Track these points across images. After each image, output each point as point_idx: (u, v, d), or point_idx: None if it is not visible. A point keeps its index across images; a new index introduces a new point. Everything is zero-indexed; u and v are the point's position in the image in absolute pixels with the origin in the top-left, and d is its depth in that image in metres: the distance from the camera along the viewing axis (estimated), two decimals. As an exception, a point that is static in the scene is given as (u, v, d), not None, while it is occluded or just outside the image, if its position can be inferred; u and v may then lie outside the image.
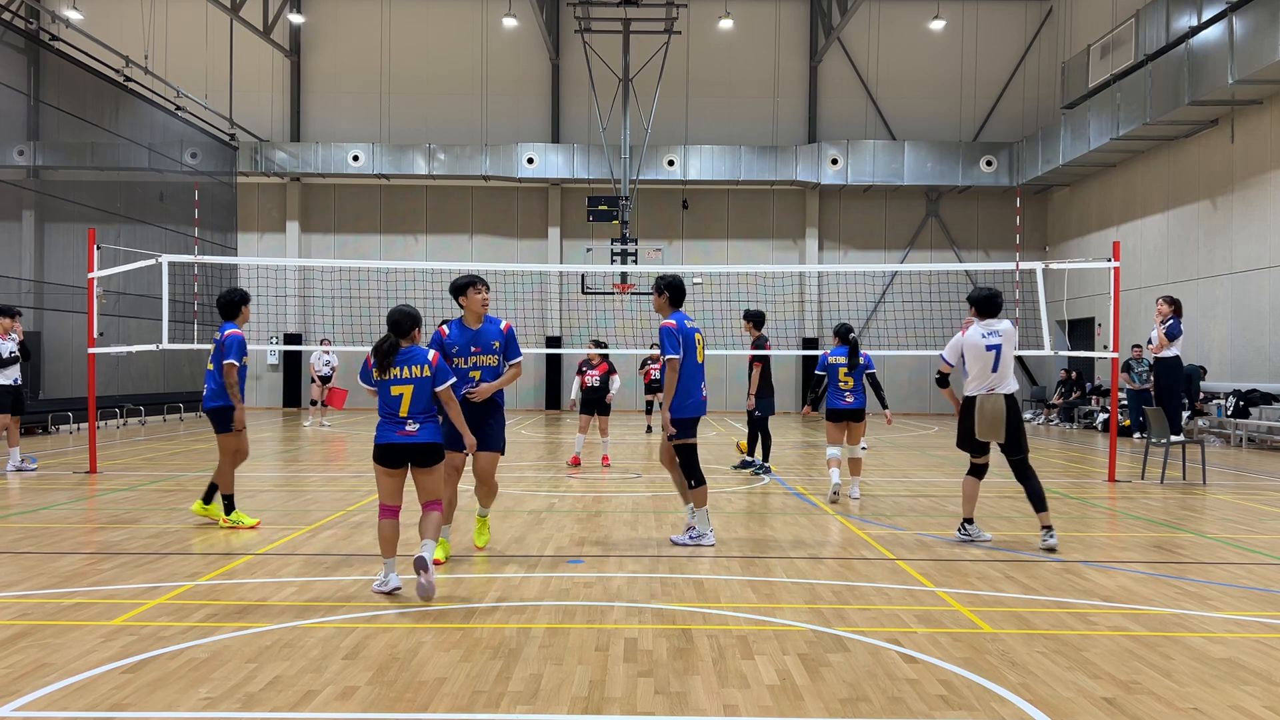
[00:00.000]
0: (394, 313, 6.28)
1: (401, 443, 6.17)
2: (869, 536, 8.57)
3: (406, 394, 6.19)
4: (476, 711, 4.28)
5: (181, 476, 12.50)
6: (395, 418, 6.19)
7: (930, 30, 29.48)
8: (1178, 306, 13.28)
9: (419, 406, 6.20)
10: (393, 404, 6.20)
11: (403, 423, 6.18)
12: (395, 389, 6.20)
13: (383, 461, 6.21)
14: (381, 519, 6.30)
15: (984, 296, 8.15)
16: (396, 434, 6.17)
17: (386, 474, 6.25)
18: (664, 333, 7.99)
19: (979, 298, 8.17)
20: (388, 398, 6.21)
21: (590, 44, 26.62)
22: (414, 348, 6.27)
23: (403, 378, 6.19)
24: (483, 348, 7.12)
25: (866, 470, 13.69)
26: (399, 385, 6.20)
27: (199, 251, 23.60)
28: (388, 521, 6.30)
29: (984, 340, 7.91)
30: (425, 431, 6.22)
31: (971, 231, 30.21)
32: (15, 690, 4.46)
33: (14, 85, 20.09)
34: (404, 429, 6.17)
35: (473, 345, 7.10)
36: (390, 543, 6.30)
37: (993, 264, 25.07)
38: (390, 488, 6.28)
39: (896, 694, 4.52)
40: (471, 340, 7.11)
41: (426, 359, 6.26)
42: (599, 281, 26.32)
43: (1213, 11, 18.80)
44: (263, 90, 29.69)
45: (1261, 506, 10.73)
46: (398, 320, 6.29)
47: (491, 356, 7.13)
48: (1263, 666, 4.96)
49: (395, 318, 6.28)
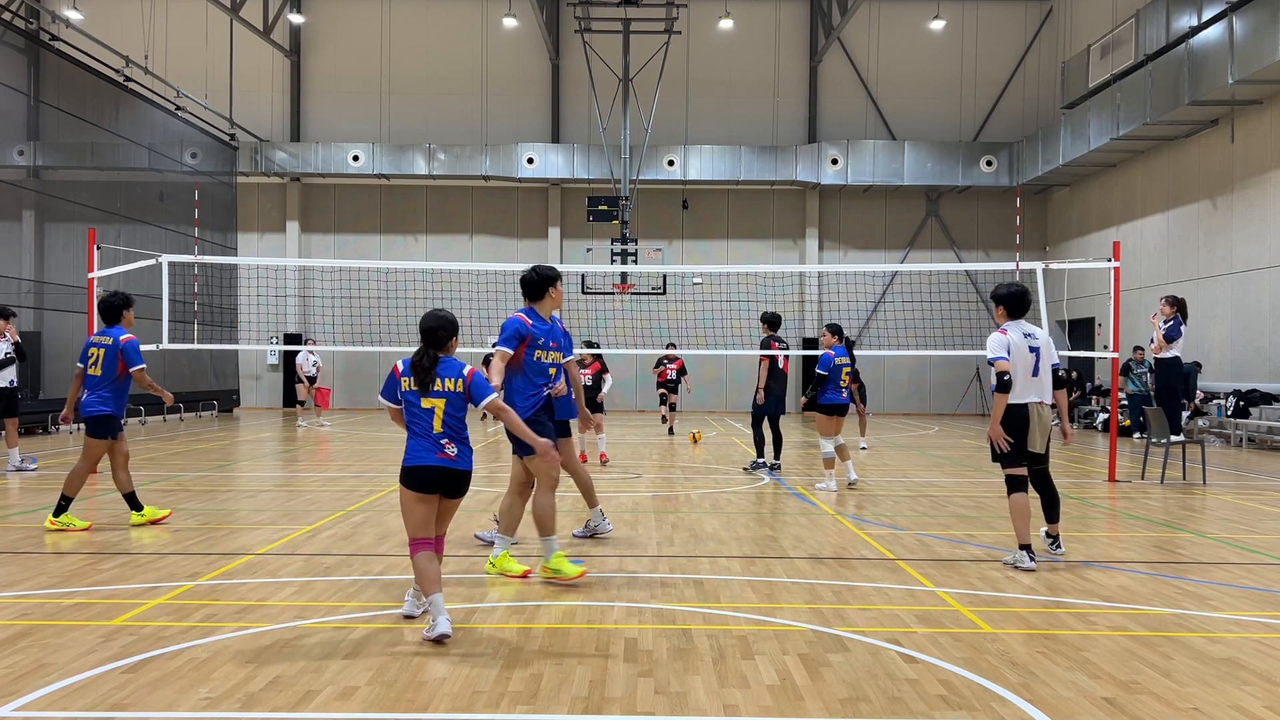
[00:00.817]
0: (431, 321, 5.53)
1: (440, 465, 5.41)
2: (869, 536, 8.57)
3: (439, 409, 5.46)
4: (476, 711, 4.28)
5: (182, 476, 12.49)
6: (430, 435, 5.43)
7: (930, 30, 29.48)
8: (1181, 306, 13.20)
9: (452, 424, 5.47)
10: (425, 419, 5.45)
11: (439, 442, 5.42)
12: (427, 402, 5.47)
13: (415, 485, 5.44)
14: (416, 554, 5.43)
15: (1014, 294, 7.35)
16: (436, 455, 5.41)
17: (419, 500, 5.45)
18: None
19: (1008, 295, 7.36)
20: (419, 413, 5.46)
21: (590, 44, 26.62)
22: (448, 359, 5.53)
23: (436, 390, 5.47)
24: (557, 343, 7.01)
25: (866, 470, 13.75)
26: (431, 399, 5.48)
27: (199, 251, 23.63)
28: (425, 555, 5.43)
29: (1026, 341, 7.22)
30: (464, 457, 5.50)
31: (971, 231, 30.21)
32: (15, 690, 4.46)
33: (14, 85, 20.08)
34: (443, 450, 5.41)
35: (550, 339, 6.94)
36: (434, 576, 5.37)
37: (993, 264, 25.09)
38: (423, 517, 5.47)
39: (896, 694, 4.52)
40: (548, 334, 6.95)
41: (461, 373, 5.51)
42: (599, 281, 26.31)
43: (1213, 11, 18.80)
44: (263, 90, 29.69)
45: (1261, 506, 10.73)
46: (435, 330, 5.52)
47: (559, 353, 7.06)
48: (1263, 666, 4.96)
49: (432, 326, 5.52)
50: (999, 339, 7.19)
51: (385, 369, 22.71)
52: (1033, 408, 7.20)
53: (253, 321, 25.71)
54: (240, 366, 29.42)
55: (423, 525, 5.47)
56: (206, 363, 26.30)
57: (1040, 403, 7.24)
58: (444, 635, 5.20)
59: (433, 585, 5.34)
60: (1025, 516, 7.21)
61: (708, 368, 29.37)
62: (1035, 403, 7.21)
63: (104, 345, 8.56)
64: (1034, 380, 7.21)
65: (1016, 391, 7.15)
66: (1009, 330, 7.25)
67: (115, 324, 8.70)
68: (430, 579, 5.37)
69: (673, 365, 19.96)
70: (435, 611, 5.26)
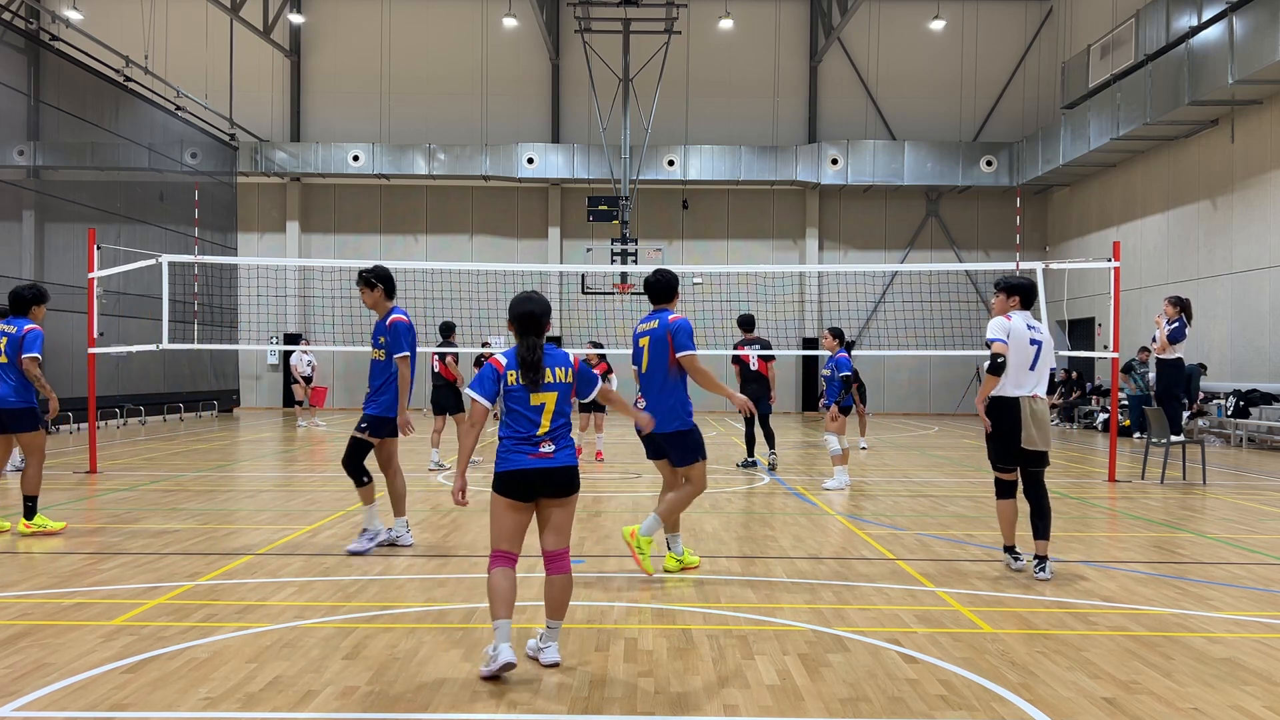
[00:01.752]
0: (528, 304, 4.91)
1: (538, 467, 4.82)
2: (869, 536, 8.57)
3: (549, 404, 4.88)
4: (476, 711, 4.28)
5: (182, 476, 12.49)
6: (531, 437, 4.85)
7: (930, 30, 29.48)
8: (1185, 307, 13.13)
9: (556, 419, 4.91)
10: (531, 418, 4.86)
11: (537, 442, 4.86)
12: (536, 398, 4.86)
13: (510, 492, 4.83)
14: (493, 568, 4.83)
15: (1027, 285, 7.08)
16: (529, 457, 4.82)
17: (512, 508, 4.85)
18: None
19: (1021, 285, 7.07)
20: (525, 410, 4.86)
21: (590, 44, 26.61)
22: (549, 346, 4.97)
23: (547, 383, 4.88)
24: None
25: (866, 470, 13.77)
26: (543, 393, 4.87)
27: (199, 251, 23.62)
28: (502, 571, 4.81)
29: (1029, 333, 6.92)
30: (565, 454, 4.91)
31: (971, 231, 30.21)
32: (15, 690, 4.46)
33: (14, 85, 20.08)
34: (538, 450, 4.85)
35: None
36: (506, 600, 4.77)
37: (993, 264, 25.08)
38: (513, 527, 4.86)
39: (896, 694, 4.52)
40: None
41: (569, 361, 4.98)
42: (599, 281, 26.31)
43: (1213, 11, 18.80)
44: (263, 90, 29.69)
45: (1261, 506, 10.73)
46: (536, 315, 4.91)
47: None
48: (1263, 666, 4.96)
49: (533, 311, 4.91)
50: (1001, 321, 6.96)
51: (385, 369, 21.52)
52: (1024, 401, 6.86)
53: (252, 321, 25.71)
54: (240, 366, 29.43)
55: (509, 536, 4.86)
56: (206, 363, 26.30)
57: (1034, 396, 6.89)
58: (507, 665, 4.62)
59: (501, 608, 4.74)
60: (1010, 521, 7.15)
61: (707, 367, 29.29)
62: (1028, 396, 6.88)
63: (6, 334, 8.35)
64: (1029, 374, 6.90)
65: (1010, 381, 6.87)
66: (1014, 316, 6.99)
67: (23, 315, 8.49)
68: (500, 600, 4.75)
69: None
70: (498, 638, 4.67)
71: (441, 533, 8.55)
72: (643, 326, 7.04)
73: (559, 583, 4.91)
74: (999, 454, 7.02)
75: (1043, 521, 6.96)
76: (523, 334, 4.89)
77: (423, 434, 16.62)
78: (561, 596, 4.91)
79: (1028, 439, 6.86)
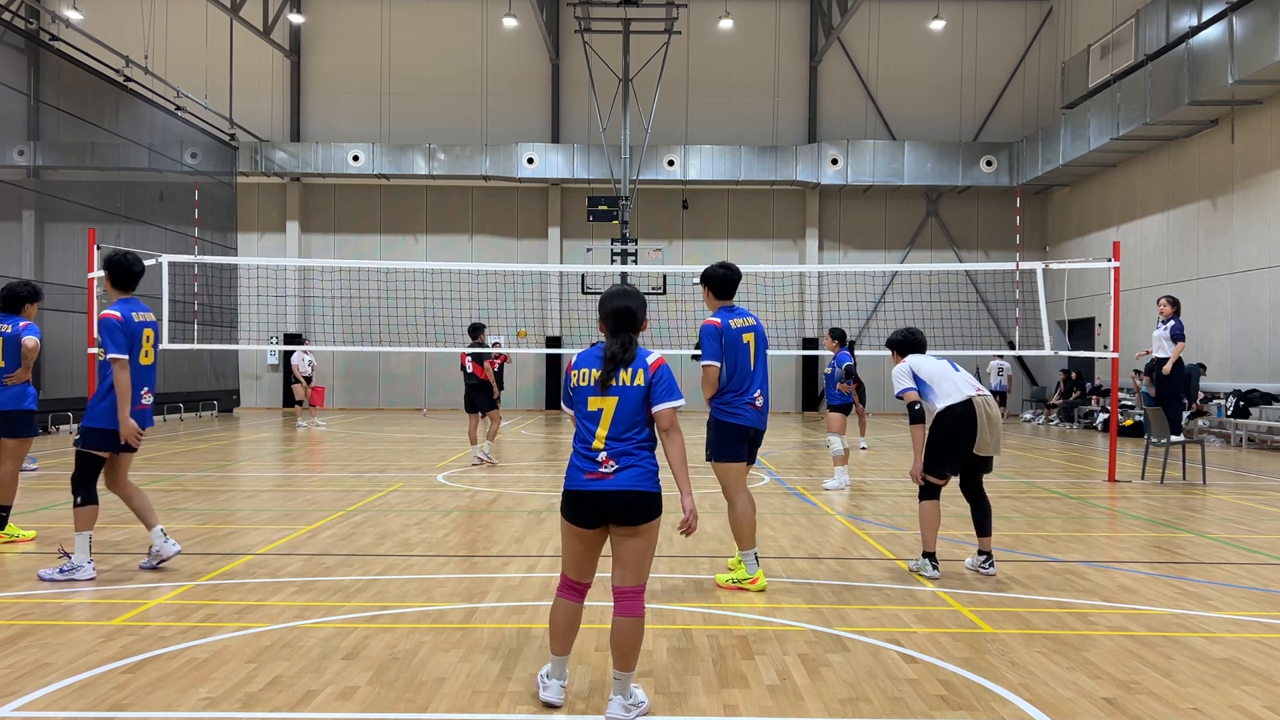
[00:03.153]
0: (624, 299, 4.30)
1: (594, 490, 4.13)
2: (869, 536, 8.57)
3: (608, 411, 4.19)
4: (476, 711, 4.28)
5: (182, 476, 12.49)
6: (589, 449, 4.20)
7: (930, 30, 29.48)
8: (1177, 306, 13.28)
9: (619, 430, 4.17)
10: (590, 425, 4.23)
11: (594, 458, 4.17)
12: (594, 402, 4.21)
13: (571, 515, 4.22)
14: (558, 596, 4.33)
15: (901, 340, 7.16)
16: (585, 476, 4.16)
17: (576, 534, 4.23)
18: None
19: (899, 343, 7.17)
20: (583, 418, 4.24)
21: (590, 44, 26.61)
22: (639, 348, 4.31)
23: (611, 386, 4.21)
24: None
25: (866, 470, 13.77)
26: (600, 398, 4.20)
27: (199, 251, 23.61)
28: (565, 602, 4.30)
29: (932, 361, 6.96)
30: (630, 475, 4.14)
31: (971, 231, 30.21)
32: (15, 690, 4.46)
33: (14, 85, 20.08)
34: (597, 470, 4.15)
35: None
36: (564, 633, 4.30)
37: (993, 264, 25.05)
38: (578, 556, 4.27)
39: (896, 694, 4.52)
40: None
41: (646, 361, 4.24)
42: (599, 281, 26.31)
43: (1213, 11, 18.80)
44: (263, 90, 29.69)
45: (1261, 506, 10.73)
46: (633, 311, 4.29)
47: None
48: (1263, 666, 4.96)
49: (630, 307, 4.29)
50: (900, 369, 6.94)
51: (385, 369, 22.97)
52: (978, 403, 6.72)
53: (252, 321, 25.71)
54: (240, 366, 29.41)
55: (575, 563, 4.27)
56: (206, 363, 26.29)
57: (983, 396, 6.77)
58: (549, 705, 4.27)
59: (556, 642, 4.30)
60: (935, 525, 6.92)
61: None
62: (978, 396, 6.75)
63: (1, 334, 8.04)
64: (957, 375, 6.87)
65: (948, 394, 6.77)
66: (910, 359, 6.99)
67: (16, 314, 8.23)
68: (555, 633, 4.30)
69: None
70: (555, 671, 4.32)
71: (441, 533, 8.55)
72: (739, 322, 6.56)
73: (623, 627, 4.17)
74: (945, 461, 6.83)
75: (985, 519, 7.01)
76: (615, 331, 4.26)
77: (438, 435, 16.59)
78: (625, 642, 4.15)
79: (981, 445, 6.74)
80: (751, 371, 6.52)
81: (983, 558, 7.01)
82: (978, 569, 7.02)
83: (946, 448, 6.80)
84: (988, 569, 6.97)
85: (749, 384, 6.49)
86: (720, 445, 6.57)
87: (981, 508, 7.03)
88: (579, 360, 4.30)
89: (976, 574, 7.00)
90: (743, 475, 6.61)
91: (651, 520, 4.17)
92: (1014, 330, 25.27)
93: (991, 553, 7.03)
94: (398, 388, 29.87)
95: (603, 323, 4.32)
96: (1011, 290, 26.46)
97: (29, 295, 8.40)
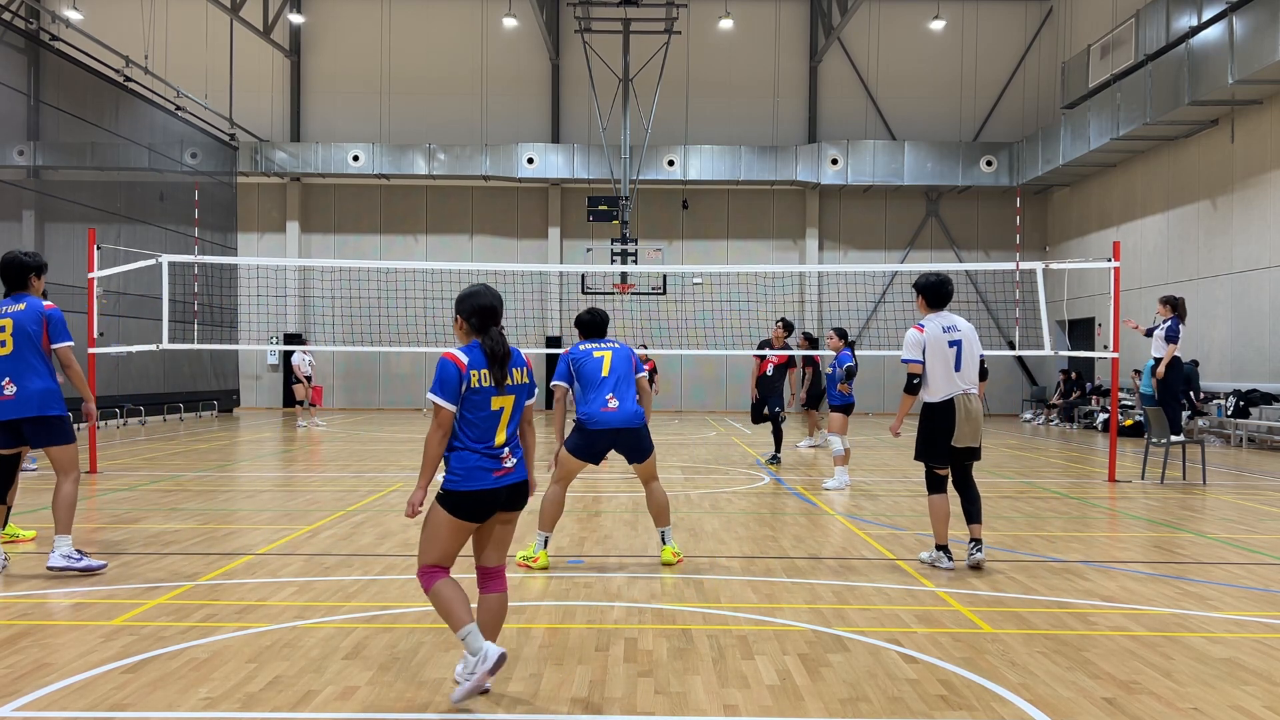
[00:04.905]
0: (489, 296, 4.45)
1: (505, 485, 4.38)
2: (869, 536, 8.57)
3: (508, 409, 4.40)
4: (476, 711, 4.28)
5: (182, 476, 12.49)
6: (490, 448, 4.34)
7: (930, 30, 29.47)
8: (1174, 305, 13.10)
9: (513, 427, 4.46)
10: (488, 425, 4.34)
11: (499, 455, 4.36)
12: (497, 402, 4.35)
13: (465, 513, 4.34)
14: (436, 582, 4.39)
15: (933, 284, 7.22)
16: (493, 475, 4.33)
17: (464, 529, 4.38)
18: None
19: (926, 286, 7.25)
20: (482, 416, 4.33)
21: (590, 44, 26.61)
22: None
23: (509, 384, 4.39)
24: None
25: (866, 470, 13.77)
26: (502, 397, 4.36)
27: (199, 251, 23.61)
28: (448, 580, 4.39)
29: (945, 335, 7.08)
30: (520, 466, 4.48)
31: (971, 231, 30.22)
32: (15, 690, 4.46)
33: (14, 85, 20.07)
34: (502, 466, 4.36)
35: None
36: (464, 603, 4.34)
37: (993, 264, 25.07)
38: (458, 546, 4.42)
39: (896, 694, 4.52)
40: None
41: (523, 361, 4.51)
42: (599, 281, 26.32)
43: (1213, 11, 18.80)
44: (263, 90, 29.69)
45: (1261, 506, 10.73)
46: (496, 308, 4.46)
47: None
48: (1263, 666, 4.96)
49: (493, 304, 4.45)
50: (915, 337, 7.11)
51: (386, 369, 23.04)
52: (959, 401, 7.03)
53: (252, 321, 25.70)
54: (240, 366, 29.43)
55: (451, 554, 4.41)
56: (206, 363, 26.29)
57: (965, 394, 7.05)
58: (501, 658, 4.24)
59: (464, 612, 4.29)
60: (945, 518, 7.18)
61: (707, 367, 29.39)
62: (960, 395, 7.05)
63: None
64: (956, 374, 7.06)
65: (939, 389, 7.05)
66: (927, 325, 7.16)
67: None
68: (460, 605, 4.31)
69: (644, 366, 19.85)
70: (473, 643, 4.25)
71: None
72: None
73: (497, 602, 4.50)
74: (932, 453, 7.16)
75: (974, 506, 7.23)
76: (484, 326, 4.38)
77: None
78: (499, 617, 4.51)
79: (959, 437, 7.03)
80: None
81: (972, 544, 7.20)
82: (967, 555, 7.22)
83: (933, 438, 7.15)
84: (976, 553, 7.14)
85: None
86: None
87: (969, 496, 7.26)
88: (472, 360, 4.33)
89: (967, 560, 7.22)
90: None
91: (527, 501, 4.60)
92: (1014, 330, 25.27)
93: (981, 539, 7.22)
94: (398, 388, 29.87)
95: (464, 321, 4.43)
96: (1011, 290, 26.46)
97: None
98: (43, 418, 6.72)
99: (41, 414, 6.70)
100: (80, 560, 6.75)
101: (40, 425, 6.74)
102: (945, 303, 7.26)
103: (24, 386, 6.67)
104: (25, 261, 6.89)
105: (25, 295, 6.87)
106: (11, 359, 6.66)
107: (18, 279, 6.89)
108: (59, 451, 6.81)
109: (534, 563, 7.07)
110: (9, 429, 6.76)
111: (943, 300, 7.25)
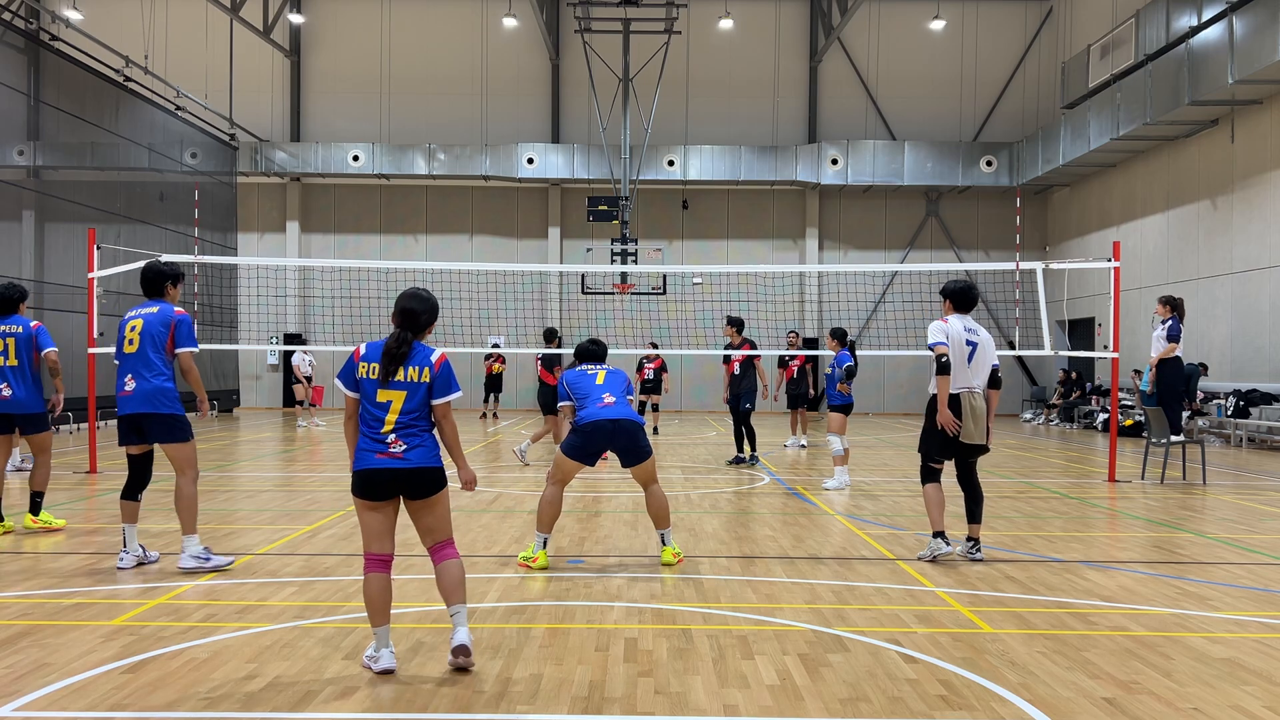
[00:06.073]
0: (413, 301, 4.93)
1: (388, 467, 4.79)
2: (869, 536, 8.57)
3: (396, 403, 4.83)
4: (476, 711, 4.28)
5: (181, 476, 12.47)
6: (377, 434, 4.83)
7: (930, 30, 29.47)
8: (1175, 306, 13.11)
9: (406, 418, 4.83)
10: (376, 414, 4.84)
11: (384, 440, 4.82)
12: (383, 394, 4.83)
13: (362, 492, 4.84)
14: (367, 573, 4.83)
15: (960, 289, 7.53)
16: (377, 456, 4.79)
17: (370, 508, 4.85)
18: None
19: (955, 291, 7.54)
20: (371, 406, 4.85)
21: (590, 44, 26.60)
22: (419, 344, 4.93)
23: (397, 380, 4.84)
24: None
25: (865, 469, 13.77)
26: (388, 390, 4.83)
27: (199, 251, 23.60)
28: (376, 577, 4.82)
29: (965, 334, 7.36)
30: (418, 453, 4.83)
31: (971, 231, 30.21)
32: (15, 690, 4.46)
33: (14, 85, 20.07)
34: (387, 450, 4.80)
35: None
36: (380, 607, 4.80)
37: (993, 264, 25.07)
38: (376, 528, 4.85)
39: (896, 694, 4.52)
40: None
41: (430, 360, 4.89)
42: (599, 281, 26.31)
43: (1213, 11, 18.79)
44: (263, 90, 29.69)
45: (1261, 506, 10.73)
46: (417, 313, 4.91)
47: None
48: (1263, 666, 4.96)
49: (414, 308, 4.91)
50: (939, 325, 7.44)
51: (385, 369, 21.86)
52: (964, 397, 7.30)
53: (252, 321, 25.69)
54: (240, 366, 29.42)
55: (376, 536, 4.85)
56: (206, 363, 26.28)
57: (971, 391, 7.31)
58: (386, 670, 4.71)
59: (377, 615, 4.78)
60: (940, 504, 7.38)
61: (707, 368, 29.36)
62: (966, 391, 7.30)
63: (13, 335, 8.36)
64: (965, 369, 7.32)
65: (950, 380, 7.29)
66: (950, 319, 7.47)
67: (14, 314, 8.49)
68: (374, 608, 4.79)
69: (652, 364, 19.85)
70: (377, 644, 4.77)
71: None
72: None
73: (450, 568, 4.90)
74: (937, 448, 7.39)
75: (977, 506, 7.46)
76: (400, 328, 4.89)
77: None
78: (454, 579, 4.88)
79: (966, 434, 7.28)
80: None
81: (971, 544, 7.39)
82: (966, 555, 7.40)
83: (937, 433, 7.37)
84: (974, 554, 7.35)
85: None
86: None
87: (973, 495, 7.44)
88: (367, 353, 4.91)
89: (965, 559, 7.39)
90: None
91: (441, 490, 4.92)
92: (1014, 330, 25.26)
93: (979, 539, 7.43)
94: (398, 388, 29.79)
95: (394, 317, 4.96)
96: (1011, 290, 26.44)
97: (21, 295, 8.58)
98: (158, 415, 7.03)
99: (156, 410, 7.01)
100: (210, 560, 6.93)
101: (158, 422, 7.05)
102: (970, 307, 7.56)
103: (142, 384, 7.01)
104: (163, 270, 7.34)
105: (160, 300, 7.27)
106: (135, 357, 7.03)
107: (155, 286, 7.30)
108: (174, 449, 7.11)
109: (533, 563, 7.10)
110: (131, 425, 7.06)
111: (968, 305, 7.55)
